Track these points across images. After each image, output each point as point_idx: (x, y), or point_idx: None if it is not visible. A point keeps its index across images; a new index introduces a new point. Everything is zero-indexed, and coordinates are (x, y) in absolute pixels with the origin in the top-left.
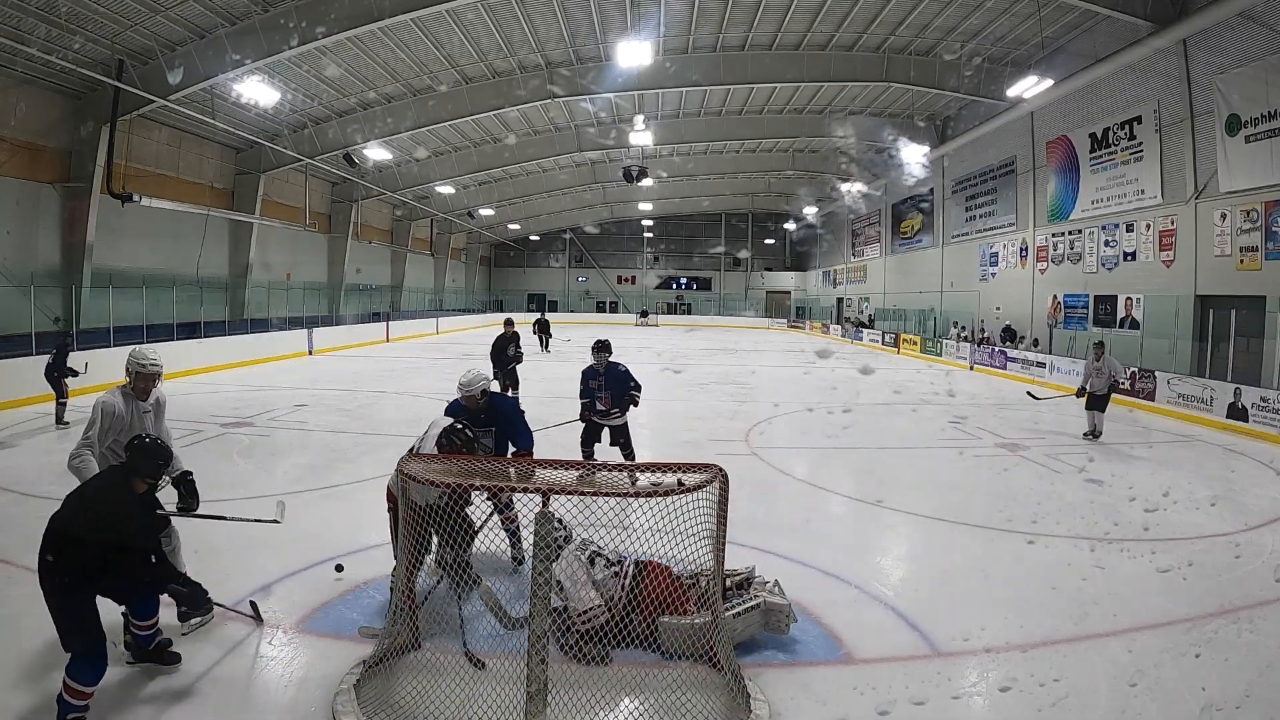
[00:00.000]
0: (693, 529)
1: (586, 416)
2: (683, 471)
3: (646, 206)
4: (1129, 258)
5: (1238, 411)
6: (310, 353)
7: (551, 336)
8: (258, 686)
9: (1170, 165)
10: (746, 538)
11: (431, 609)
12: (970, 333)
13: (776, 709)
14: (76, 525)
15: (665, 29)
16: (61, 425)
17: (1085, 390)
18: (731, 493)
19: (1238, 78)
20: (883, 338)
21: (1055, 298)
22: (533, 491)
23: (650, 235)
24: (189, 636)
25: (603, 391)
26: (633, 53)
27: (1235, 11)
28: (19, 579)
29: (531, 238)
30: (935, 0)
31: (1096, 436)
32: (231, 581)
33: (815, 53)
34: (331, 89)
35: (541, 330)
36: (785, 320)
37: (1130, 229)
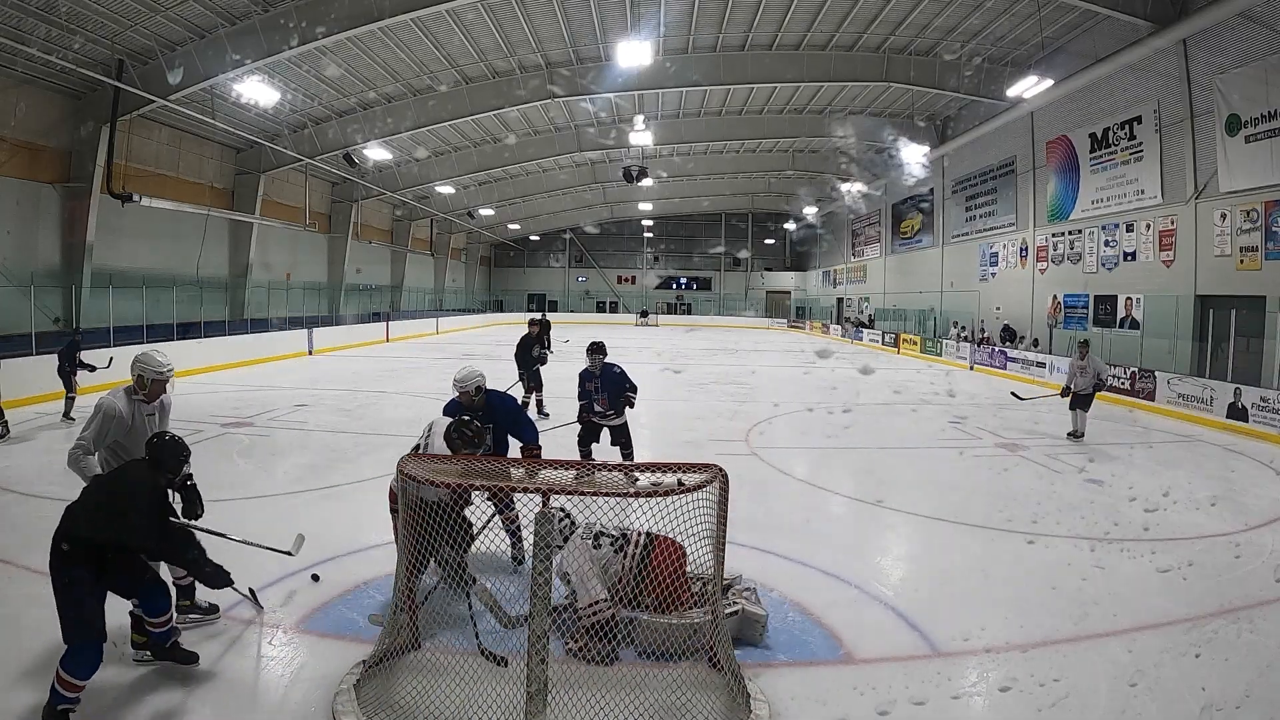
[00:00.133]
0: (693, 529)
1: (585, 418)
2: (683, 471)
3: (646, 206)
4: (1129, 258)
5: (1238, 411)
6: (310, 353)
7: (551, 338)
8: (258, 686)
9: (1170, 165)
10: (746, 538)
11: (431, 609)
12: (970, 333)
13: (776, 709)
14: (97, 516)
15: (665, 29)
16: (67, 420)
17: (1069, 390)
18: (731, 493)
19: (1238, 78)
20: (883, 338)
21: (1055, 298)
22: (533, 491)
23: (650, 235)
24: (190, 636)
25: (599, 393)
26: (633, 53)
27: (1235, 11)
28: (19, 579)
29: (531, 238)
30: (935, 0)
31: (1080, 436)
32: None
33: (815, 53)
34: (331, 89)
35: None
36: (785, 320)
37: (1130, 229)
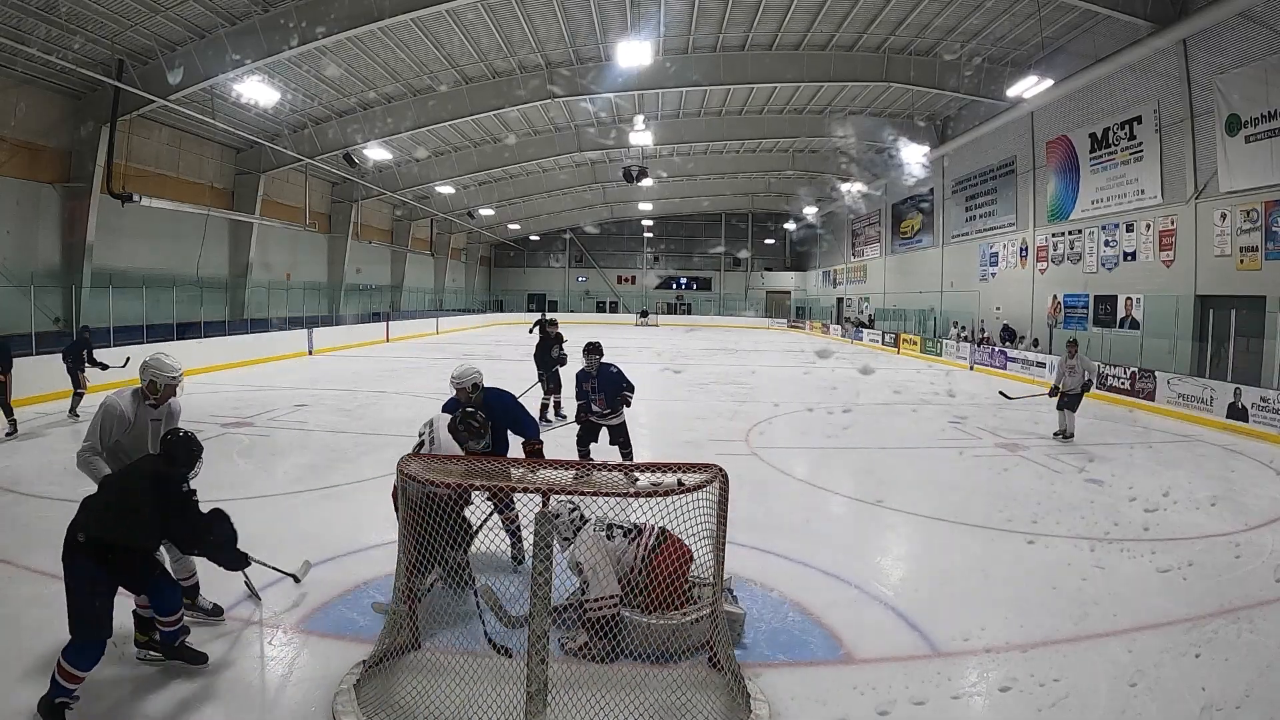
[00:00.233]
0: (693, 529)
1: (583, 418)
2: (683, 471)
3: (646, 206)
4: (1129, 258)
5: (1238, 411)
6: (310, 353)
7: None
8: (257, 686)
9: (1170, 165)
10: (746, 538)
11: (431, 607)
12: (970, 333)
13: (776, 709)
14: (106, 515)
15: (665, 29)
16: (72, 416)
17: (1058, 389)
18: (731, 493)
19: (1238, 78)
20: (883, 338)
21: (1055, 298)
22: (533, 491)
23: (650, 235)
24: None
25: (596, 393)
26: (633, 53)
27: (1235, 11)
28: (19, 579)
29: (531, 238)
30: (935, 0)
31: (1068, 437)
32: (232, 580)
33: (815, 53)
34: (331, 89)
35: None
36: (785, 320)
37: (1130, 229)
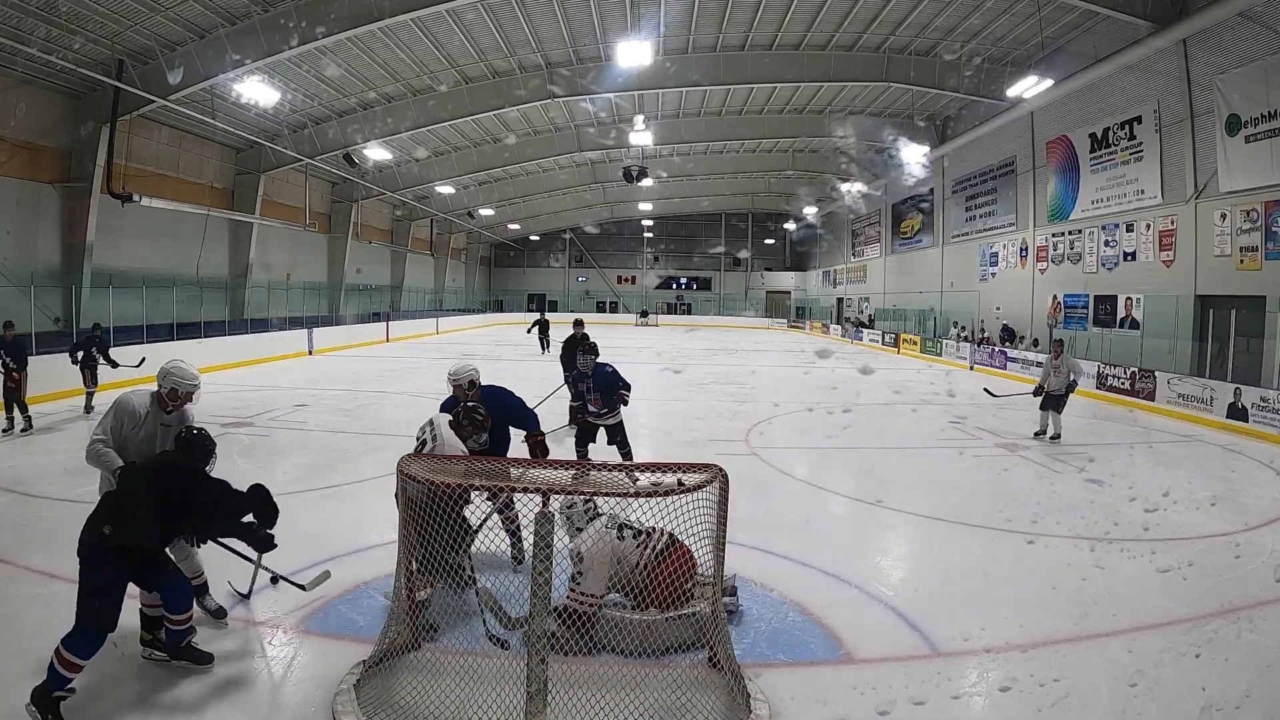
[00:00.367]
0: (693, 529)
1: (581, 419)
2: (683, 471)
3: (646, 206)
4: (1129, 258)
5: (1238, 411)
6: (310, 353)
7: (549, 337)
8: (257, 686)
9: (1170, 165)
10: (746, 538)
11: (436, 607)
12: (970, 333)
13: (776, 709)
14: (112, 508)
15: (665, 29)
16: (89, 411)
17: (1043, 389)
18: (731, 493)
19: (1238, 78)
20: (883, 338)
21: (1055, 298)
22: (533, 492)
23: (650, 235)
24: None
25: (592, 393)
26: (633, 53)
27: (1235, 11)
28: (19, 579)
29: (531, 238)
30: (935, 0)
31: (1055, 438)
32: (233, 580)
33: (815, 53)
34: (331, 89)
35: (541, 331)
36: (785, 320)
37: (1130, 229)
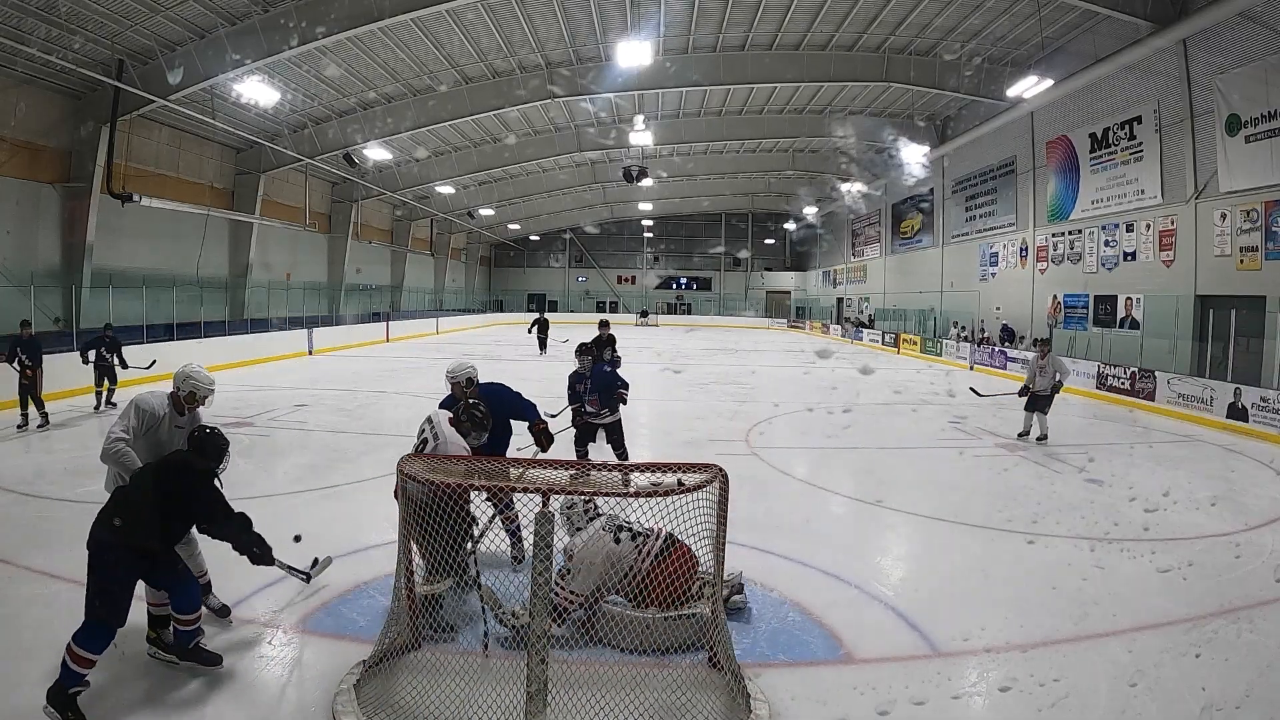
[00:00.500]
0: (693, 529)
1: (580, 421)
2: (683, 471)
3: (646, 206)
4: (1129, 258)
5: (1238, 411)
6: (310, 353)
7: (549, 337)
8: (258, 686)
9: (1170, 165)
10: (746, 538)
11: (444, 610)
12: (970, 333)
13: (776, 709)
14: (149, 497)
15: (665, 29)
16: (109, 406)
17: (1028, 389)
18: (731, 493)
19: (1238, 78)
20: (883, 338)
21: (1055, 298)
22: (533, 492)
23: (650, 235)
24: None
25: (590, 394)
26: (633, 53)
27: (1235, 11)
28: (19, 579)
29: (531, 238)
30: (935, 0)
31: (1041, 439)
32: (233, 581)
33: (815, 53)
34: (331, 89)
35: (540, 330)
36: (785, 320)
37: (1130, 229)
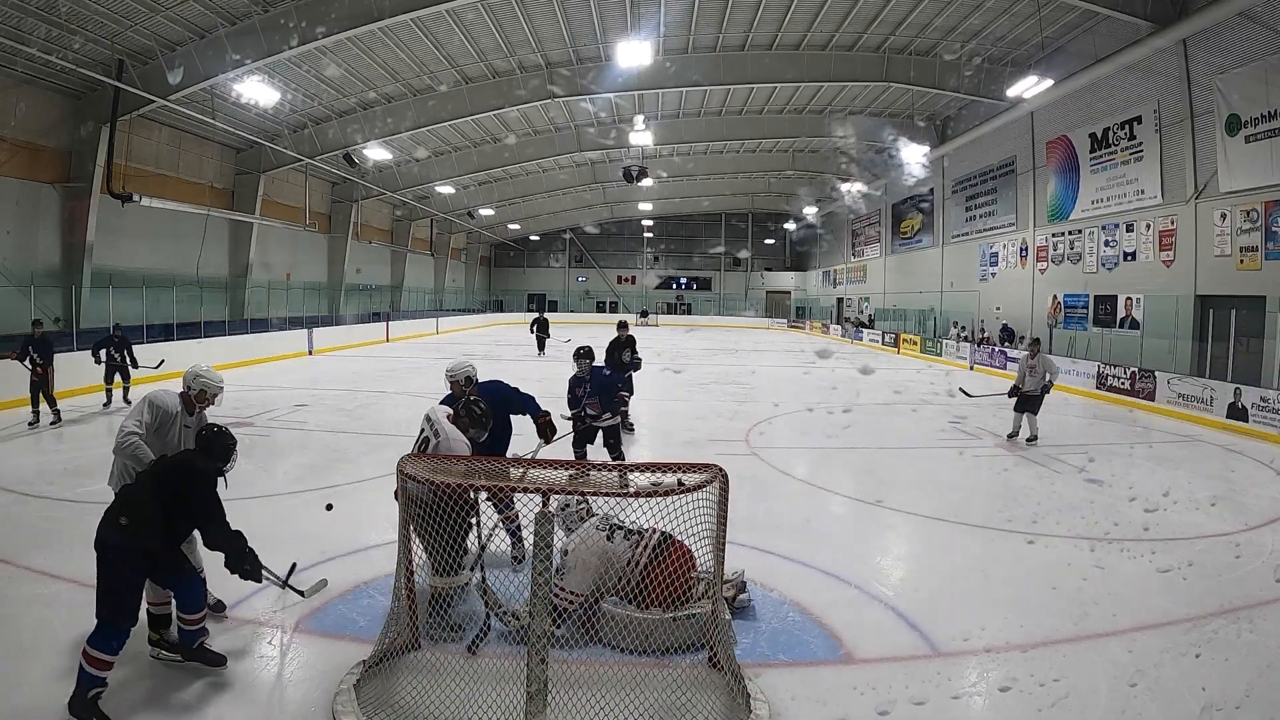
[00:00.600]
0: (693, 529)
1: (580, 427)
2: (683, 471)
3: (646, 206)
4: (1129, 258)
5: (1238, 411)
6: (310, 353)
7: (549, 337)
8: (257, 686)
9: (1170, 165)
10: (746, 538)
11: (444, 605)
12: (970, 333)
13: (776, 709)
14: (152, 496)
15: (665, 29)
16: (126, 405)
17: (1018, 389)
18: (731, 493)
19: (1238, 78)
20: (883, 338)
21: (1055, 298)
22: (532, 492)
23: (650, 235)
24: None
25: (590, 397)
26: (633, 53)
27: (1235, 11)
28: (19, 579)
29: (531, 238)
30: (935, 0)
31: (1031, 440)
32: (233, 579)
33: (815, 53)
34: (331, 89)
35: (540, 330)
36: (785, 320)
37: (1130, 229)
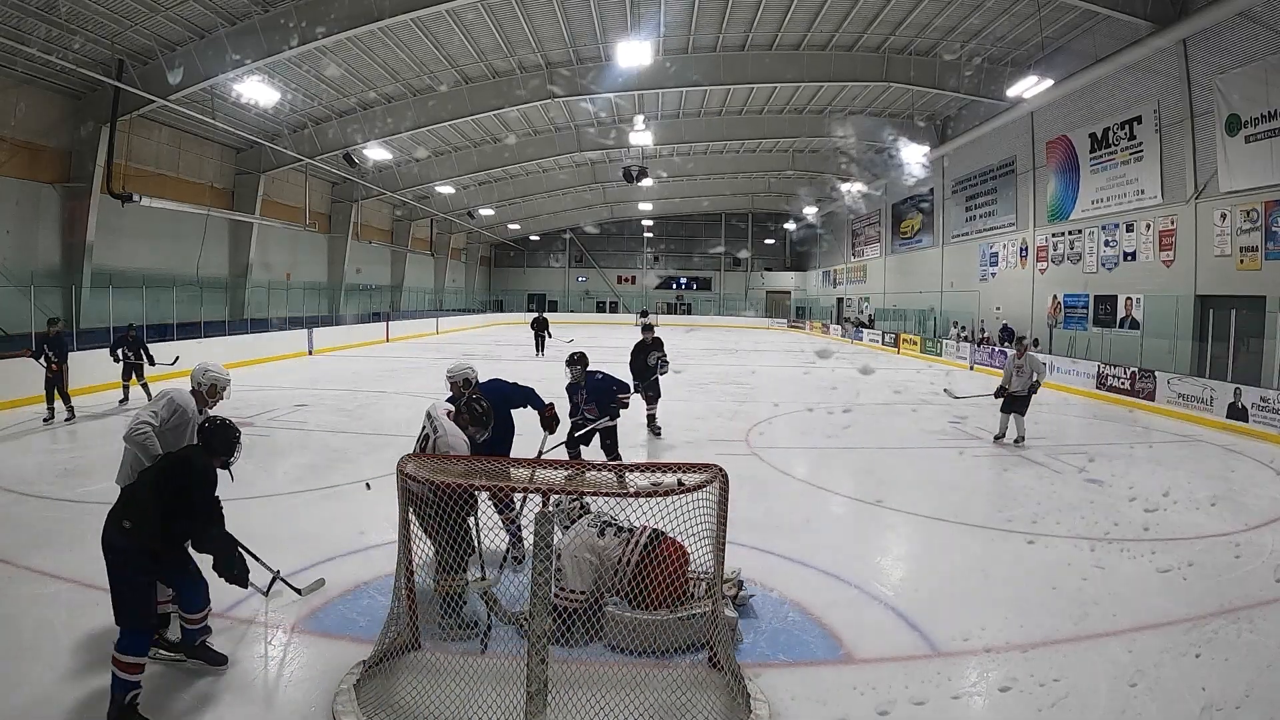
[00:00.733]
0: (693, 529)
1: (580, 432)
2: (683, 471)
3: (646, 206)
4: (1129, 258)
5: (1238, 411)
6: (310, 353)
7: (550, 337)
8: (257, 686)
9: (1170, 165)
10: (746, 538)
11: (432, 608)
12: (970, 333)
13: (776, 709)
14: (155, 493)
15: (665, 29)
16: (139, 402)
17: (1004, 390)
18: (731, 493)
19: (1238, 78)
20: (883, 338)
21: (1055, 298)
22: (532, 491)
23: (650, 235)
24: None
25: (588, 403)
26: (633, 53)
27: (1235, 11)
28: (19, 579)
29: (531, 238)
30: (935, 0)
31: (1018, 441)
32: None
33: (815, 53)
34: (331, 89)
35: (540, 329)
36: (785, 320)
37: (1130, 229)
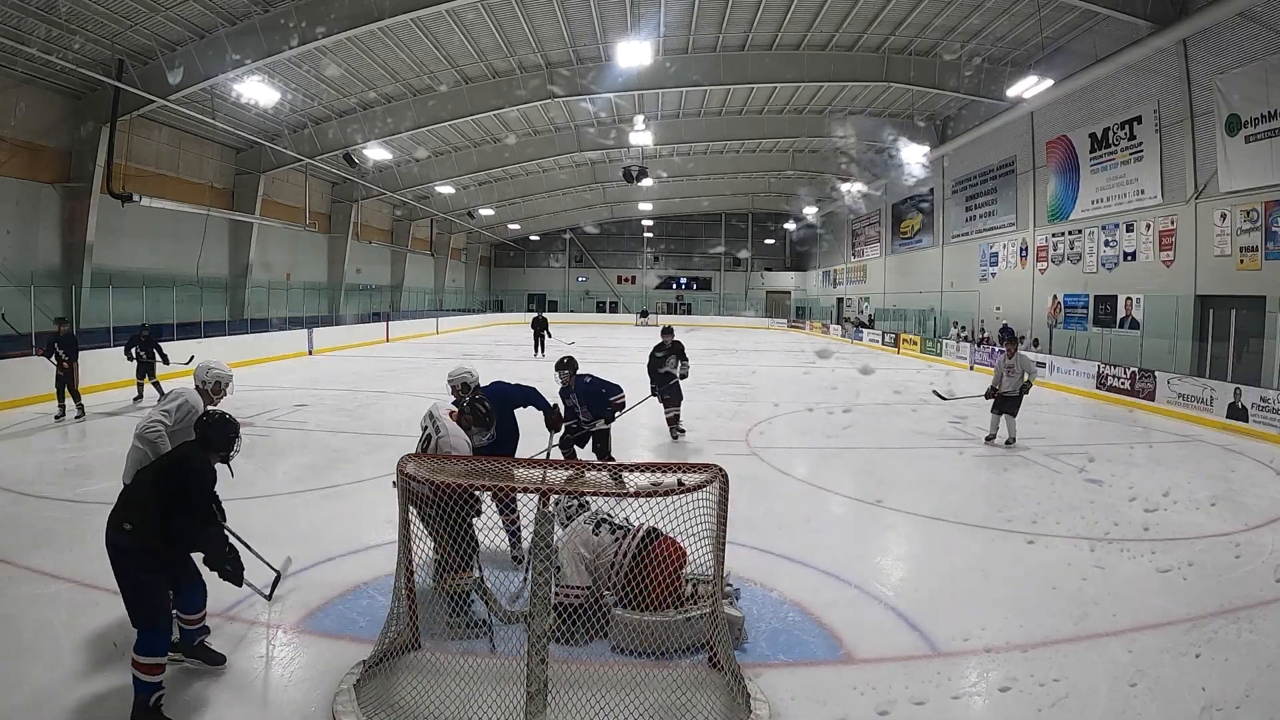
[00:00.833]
0: (693, 529)
1: (573, 434)
2: (682, 471)
3: (646, 206)
4: (1129, 258)
5: (1238, 411)
6: (310, 353)
7: (550, 337)
8: (257, 686)
9: (1170, 165)
10: (746, 538)
11: (433, 608)
12: (970, 333)
13: (776, 709)
14: (154, 492)
15: (665, 29)
16: (151, 400)
17: (995, 390)
18: (731, 493)
19: (1238, 78)
20: (883, 338)
21: (1055, 298)
22: (532, 491)
23: (650, 235)
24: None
25: (580, 407)
26: (633, 53)
27: (1235, 11)
28: (19, 579)
29: (531, 238)
30: (935, 0)
31: (1009, 443)
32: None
33: (815, 53)
34: (331, 89)
35: (540, 329)
36: (785, 320)
37: (1130, 229)
